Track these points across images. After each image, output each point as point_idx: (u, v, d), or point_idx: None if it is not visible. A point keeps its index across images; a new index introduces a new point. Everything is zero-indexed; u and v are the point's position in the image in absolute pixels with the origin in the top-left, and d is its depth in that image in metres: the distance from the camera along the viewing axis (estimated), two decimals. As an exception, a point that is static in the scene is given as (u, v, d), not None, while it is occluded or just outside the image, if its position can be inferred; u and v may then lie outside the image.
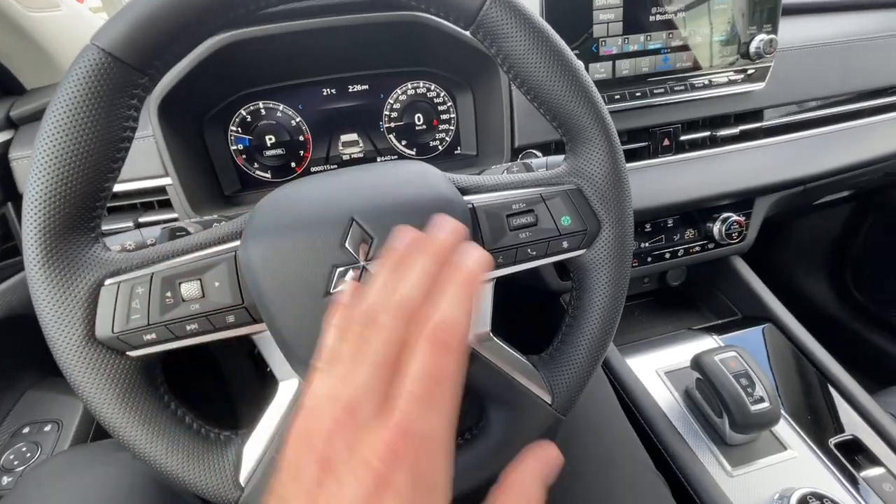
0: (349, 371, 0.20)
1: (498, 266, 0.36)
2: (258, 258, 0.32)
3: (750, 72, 0.67)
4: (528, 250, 0.36)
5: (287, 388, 0.36)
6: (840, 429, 0.59)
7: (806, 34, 0.73)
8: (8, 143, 0.56)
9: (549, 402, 0.37)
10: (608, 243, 0.37)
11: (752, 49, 0.65)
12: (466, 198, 0.36)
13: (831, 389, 0.64)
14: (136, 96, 0.30)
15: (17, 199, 0.56)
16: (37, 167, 0.28)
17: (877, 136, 0.77)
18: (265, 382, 0.37)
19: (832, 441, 0.57)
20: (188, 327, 0.32)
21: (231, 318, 0.33)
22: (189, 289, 0.32)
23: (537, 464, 0.23)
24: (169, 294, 0.32)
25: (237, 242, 0.33)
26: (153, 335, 0.32)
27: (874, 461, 0.55)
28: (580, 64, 0.35)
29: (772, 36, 0.65)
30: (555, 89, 0.34)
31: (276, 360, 0.35)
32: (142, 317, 0.31)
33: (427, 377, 0.19)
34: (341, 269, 0.32)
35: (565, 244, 0.37)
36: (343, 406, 0.19)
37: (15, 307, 0.54)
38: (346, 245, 0.32)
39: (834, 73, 0.73)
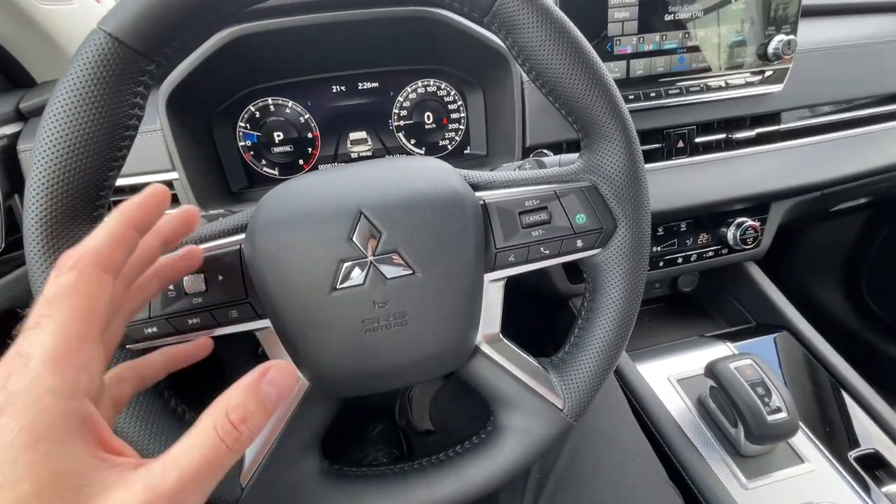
0: None
1: (510, 265, 0.35)
2: (263, 252, 0.31)
3: (767, 73, 0.66)
4: (541, 249, 0.35)
5: (290, 386, 0.35)
6: (859, 442, 0.57)
7: (825, 36, 0.71)
8: (17, 136, 0.56)
9: (560, 407, 0.36)
10: (624, 243, 0.36)
11: (770, 50, 0.64)
12: (478, 194, 0.35)
13: (849, 400, 0.62)
14: (142, 83, 0.29)
15: (24, 191, 0.56)
16: (39, 153, 0.27)
17: (894, 142, 0.75)
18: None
19: (852, 454, 0.55)
20: (190, 321, 0.31)
21: (234, 313, 0.32)
22: (192, 282, 0.31)
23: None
24: (171, 287, 0.31)
25: (242, 236, 0.33)
26: (154, 329, 0.31)
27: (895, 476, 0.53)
28: (598, 57, 0.34)
29: (791, 37, 0.63)
30: (572, 82, 0.33)
31: (279, 357, 0.34)
32: (143, 310, 0.31)
33: (42, 300, 0.20)
34: (348, 263, 0.31)
35: (579, 243, 0.36)
36: None
37: (19, 299, 0.54)
38: (354, 239, 0.31)
39: (853, 75, 0.71)
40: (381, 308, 0.31)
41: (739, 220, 0.72)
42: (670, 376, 0.64)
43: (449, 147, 0.70)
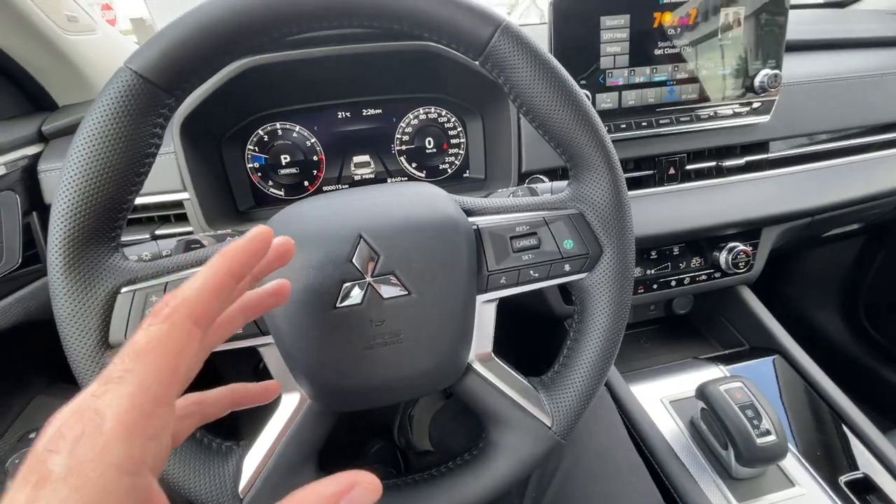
0: None
1: (501, 287, 0.37)
2: None
3: (755, 105, 0.68)
4: (531, 272, 0.37)
5: (289, 401, 0.36)
6: (850, 466, 0.57)
7: (811, 70, 0.74)
8: (37, 156, 0.59)
9: (549, 425, 0.38)
10: (609, 268, 0.38)
11: (756, 83, 0.66)
12: (471, 219, 0.37)
13: (842, 425, 0.62)
14: (162, 115, 0.32)
15: (42, 209, 0.58)
16: (66, 178, 0.30)
17: (885, 170, 0.77)
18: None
19: (842, 479, 0.55)
20: None
21: (239, 330, 0.34)
22: None
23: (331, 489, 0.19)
24: None
25: None
26: None
27: (886, 501, 0.53)
28: (583, 95, 0.36)
29: (776, 71, 0.66)
30: (559, 118, 0.35)
31: (280, 372, 0.36)
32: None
33: (129, 350, 0.19)
34: (348, 283, 0.33)
35: (567, 267, 0.38)
36: None
37: (32, 313, 0.56)
38: (354, 261, 0.33)
39: (838, 108, 0.74)
40: (377, 326, 0.33)
41: (731, 244, 0.74)
42: (663, 398, 0.65)
43: (449, 171, 0.72)
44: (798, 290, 1.17)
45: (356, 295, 0.33)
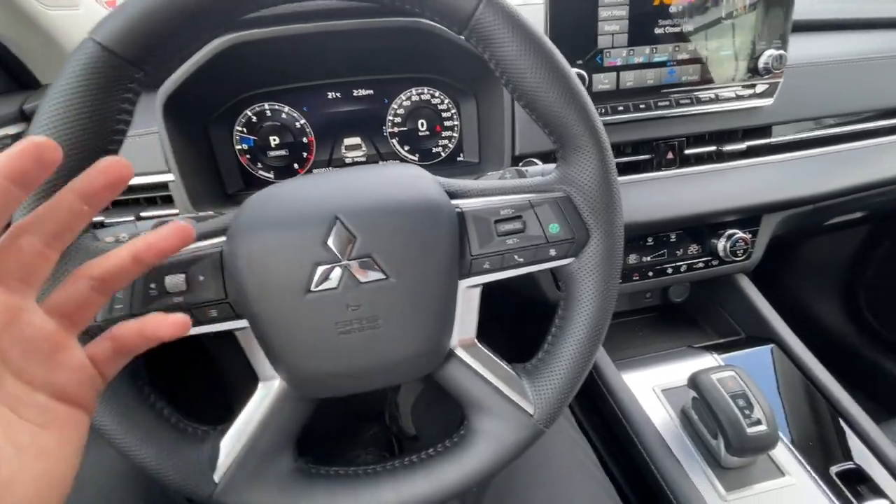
0: None
1: (485, 272, 0.36)
2: (242, 254, 0.32)
3: (759, 88, 0.66)
4: (515, 256, 0.36)
5: (265, 387, 0.36)
6: (842, 457, 0.57)
7: (817, 52, 0.71)
8: (19, 136, 0.58)
9: (531, 413, 0.37)
10: (596, 253, 0.37)
11: (760, 64, 0.64)
12: (455, 202, 0.36)
13: (836, 416, 0.62)
14: (130, 90, 0.31)
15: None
16: None
17: (891, 156, 0.75)
18: (245, 381, 0.37)
19: (833, 469, 0.55)
20: None
21: (213, 313, 0.33)
22: (173, 281, 0.32)
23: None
24: (153, 286, 0.32)
25: (224, 238, 0.34)
26: None
27: (877, 492, 0.53)
28: (572, 71, 0.34)
29: (781, 51, 0.64)
30: (546, 96, 0.34)
31: (257, 358, 0.35)
32: (124, 306, 0.32)
33: None
34: (323, 267, 0.32)
35: (553, 252, 0.36)
36: None
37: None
38: (329, 243, 0.32)
39: (844, 91, 0.71)
40: (353, 311, 0.32)
41: (730, 231, 0.72)
42: (655, 386, 0.64)
43: (442, 154, 0.71)
44: (798, 281, 1.15)
45: (332, 278, 0.32)
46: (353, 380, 0.35)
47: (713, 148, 0.69)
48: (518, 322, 0.83)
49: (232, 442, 0.34)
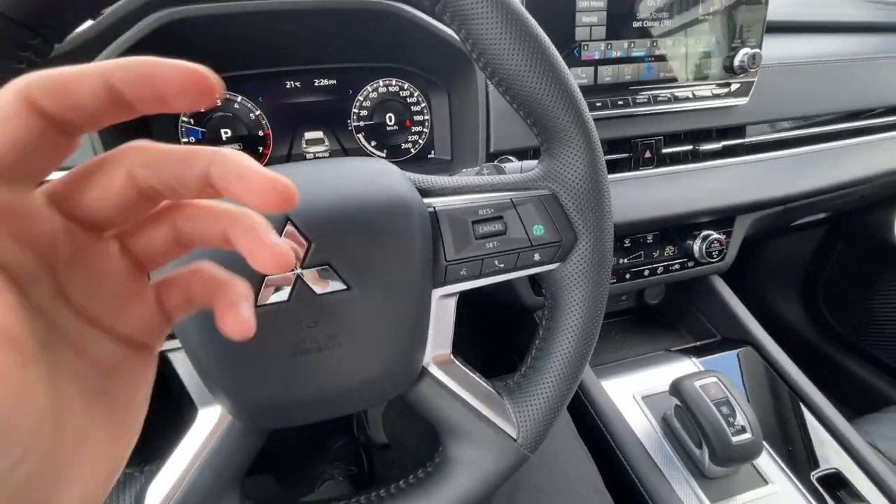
0: None
1: (461, 279, 0.32)
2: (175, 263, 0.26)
3: (733, 86, 0.65)
4: (496, 262, 0.32)
5: (207, 415, 0.30)
6: (820, 461, 0.56)
7: (791, 52, 0.72)
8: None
9: (514, 437, 0.33)
10: (585, 257, 0.33)
11: (736, 63, 0.63)
12: (427, 200, 0.32)
13: (811, 418, 0.61)
14: (25, 59, 0.25)
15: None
16: None
17: (856, 159, 0.76)
18: (179, 409, 0.31)
19: (814, 475, 0.54)
20: None
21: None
22: None
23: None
24: None
25: None
26: None
27: (856, 496, 0.52)
28: (559, 54, 0.31)
29: (756, 50, 0.63)
30: (530, 81, 0.30)
31: (193, 382, 0.29)
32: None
33: None
34: (271, 276, 0.27)
35: (537, 256, 0.33)
36: None
37: None
38: None
39: (817, 92, 0.72)
40: (310, 329, 0.27)
41: (705, 232, 0.71)
42: (635, 393, 0.62)
43: (412, 150, 0.66)
44: (761, 280, 1.18)
45: (283, 290, 0.27)
46: (312, 408, 0.30)
47: (689, 147, 0.68)
48: (489, 327, 0.80)
49: (163, 486, 0.29)
